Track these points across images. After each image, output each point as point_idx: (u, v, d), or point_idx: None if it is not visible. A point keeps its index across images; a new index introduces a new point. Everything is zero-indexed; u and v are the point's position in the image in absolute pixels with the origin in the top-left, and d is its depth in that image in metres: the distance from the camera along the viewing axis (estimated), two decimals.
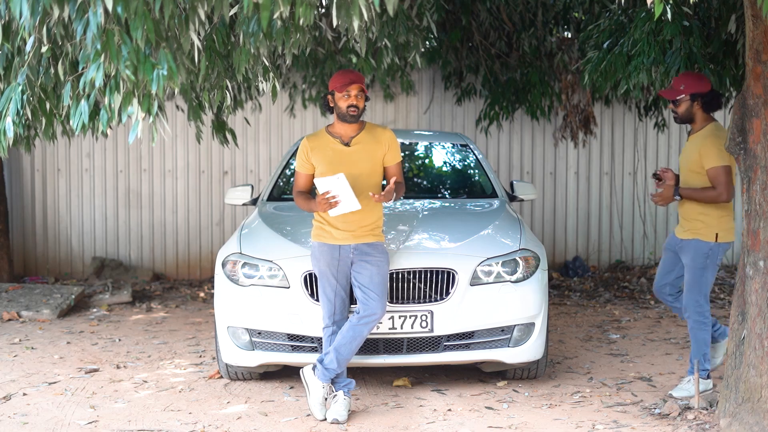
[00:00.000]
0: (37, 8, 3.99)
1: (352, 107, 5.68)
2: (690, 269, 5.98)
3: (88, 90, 4.29)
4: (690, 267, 5.98)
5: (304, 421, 5.68)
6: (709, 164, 5.84)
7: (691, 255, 5.96)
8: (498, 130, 11.15)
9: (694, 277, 5.96)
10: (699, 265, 5.94)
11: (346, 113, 5.69)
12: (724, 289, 10.01)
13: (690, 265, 5.98)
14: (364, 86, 5.69)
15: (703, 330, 6.00)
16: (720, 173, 5.82)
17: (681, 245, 6.05)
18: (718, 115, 11.16)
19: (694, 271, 5.96)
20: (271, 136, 11.23)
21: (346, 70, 5.80)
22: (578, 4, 9.80)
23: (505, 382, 6.42)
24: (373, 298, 5.66)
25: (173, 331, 8.31)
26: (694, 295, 5.97)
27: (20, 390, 6.36)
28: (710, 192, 5.87)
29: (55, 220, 11.11)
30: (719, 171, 5.83)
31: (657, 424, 5.55)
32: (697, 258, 5.94)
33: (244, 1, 3.97)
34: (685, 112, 5.98)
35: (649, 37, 7.00)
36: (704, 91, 5.91)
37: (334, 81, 5.71)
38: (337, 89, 5.68)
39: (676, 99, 5.95)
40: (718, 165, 5.82)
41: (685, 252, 6.00)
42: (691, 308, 5.99)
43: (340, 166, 5.69)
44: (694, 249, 5.95)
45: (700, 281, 5.95)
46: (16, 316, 8.74)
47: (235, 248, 6.35)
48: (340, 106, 5.70)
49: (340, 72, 5.77)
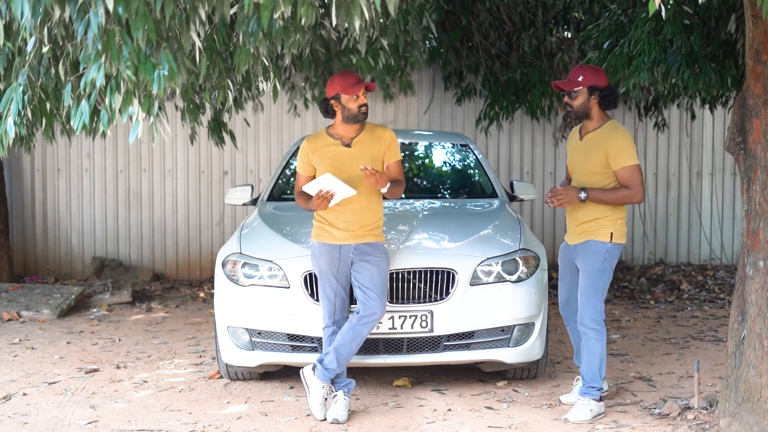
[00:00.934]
0: (38, 9, 3.99)
1: (363, 106, 5.67)
2: (587, 273, 5.63)
3: (88, 90, 4.29)
4: (587, 270, 5.63)
5: (304, 421, 5.68)
6: (621, 164, 5.54)
7: (589, 258, 5.62)
8: (498, 130, 11.15)
9: (592, 280, 5.61)
10: (597, 268, 5.61)
11: (358, 113, 5.67)
12: (724, 289, 10.01)
13: (587, 268, 5.63)
14: (368, 86, 5.69)
15: (600, 341, 5.63)
16: (634, 172, 5.55)
17: (576, 251, 5.72)
18: (718, 115, 11.18)
19: (591, 274, 5.61)
20: (271, 136, 11.23)
21: (346, 72, 5.78)
22: (578, 4, 9.80)
23: (505, 382, 6.43)
24: (373, 298, 5.66)
25: (173, 331, 8.31)
26: (591, 300, 5.61)
27: (20, 390, 6.36)
28: (623, 192, 5.56)
29: (55, 220, 11.11)
30: (632, 170, 5.54)
31: (657, 424, 5.55)
32: (595, 260, 5.61)
33: (245, 1, 3.97)
34: (580, 106, 5.63)
35: (650, 37, 7.00)
36: (603, 85, 5.60)
37: (339, 84, 5.63)
38: (345, 91, 5.61)
39: (573, 91, 5.61)
40: (630, 164, 5.54)
41: (581, 256, 5.67)
42: (587, 315, 5.62)
43: (342, 168, 5.69)
44: (591, 251, 5.62)
45: (598, 285, 5.61)
46: (16, 316, 8.74)
47: (235, 248, 6.35)
48: (351, 108, 5.66)
49: (342, 75, 5.71)
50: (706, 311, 9.06)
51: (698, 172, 11.40)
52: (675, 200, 11.44)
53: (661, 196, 11.44)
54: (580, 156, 5.75)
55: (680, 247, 11.47)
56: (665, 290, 10.08)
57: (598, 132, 5.69)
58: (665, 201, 11.45)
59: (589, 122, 5.72)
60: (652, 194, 11.42)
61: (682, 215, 11.43)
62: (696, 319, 8.73)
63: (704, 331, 8.16)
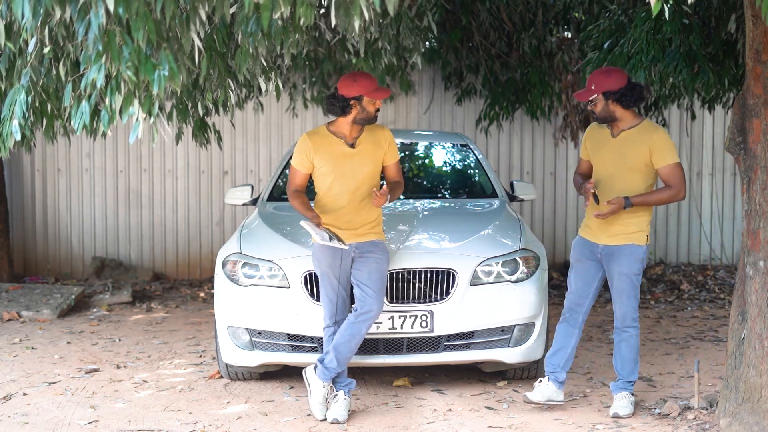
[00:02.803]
0: (38, 9, 3.99)
1: (377, 110, 5.68)
2: (626, 276, 5.63)
3: (89, 90, 4.29)
4: (626, 274, 5.62)
5: (304, 421, 5.68)
6: (665, 162, 5.56)
7: (628, 261, 5.61)
8: (498, 130, 11.14)
9: (632, 282, 5.64)
10: (635, 270, 5.63)
11: (374, 117, 5.68)
12: (724, 289, 10.01)
13: (626, 272, 5.62)
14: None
15: (637, 338, 5.76)
16: (677, 170, 5.56)
17: (609, 252, 5.66)
18: (718, 115, 11.18)
19: (631, 276, 5.63)
20: (271, 136, 11.23)
21: (366, 75, 5.70)
22: (578, 4, 9.79)
23: (505, 382, 6.43)
24: (370, 295, 5.66)
25: (173, 331, 8.31)
26: (632, 301, 5.67)
27: (20, 390, 6.36)
28: (667, 192, 5.58)
29: (55, 220, 11.11)
30: (676, 168, 5.55)
31: (657, 424, 5.55)
32: (634, 263, 5.62)
33: (245, 1, 3.97)
34: (602, 112, 5.62)
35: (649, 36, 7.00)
36: (616, 87, 5.56)
37: (364, 87, 5.55)
38: (370, 95, 5.57)
39: (589, 100, 5.63)
40: (673, 162, 5.56)
41: (619, 259, 5.63)
42: (629, 316, 5.69)
43: (345, 167, 5.68)
44: (631, 254, 5.61)
45: (637, 286, 5.66)
46: (16, 316, 8.74)
47: (235, 248, 6.36)
48: (369, 111, 5.63)
49: (366, 77, 5.64)
50: (706, 311, 9.06)
51: (698, 172, 11.40)
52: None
53: None
54: (616, 154, 5.66)
55: (680, 247, 11.47)
56: (665, 290, 10.08)
57: (636, 130, 5.63)
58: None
59: (619, 123, 5.66)
60: None
61: (682, 215, 11.43)
62: (696, 319, 8.73)
63: (704, 331, 8.16)
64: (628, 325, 5.74)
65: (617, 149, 5.66)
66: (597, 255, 5.73)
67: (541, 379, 5.89)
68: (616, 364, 5.80)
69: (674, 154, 5.58)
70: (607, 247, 5.67)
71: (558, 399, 5.82)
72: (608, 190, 5.65)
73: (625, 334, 5.75)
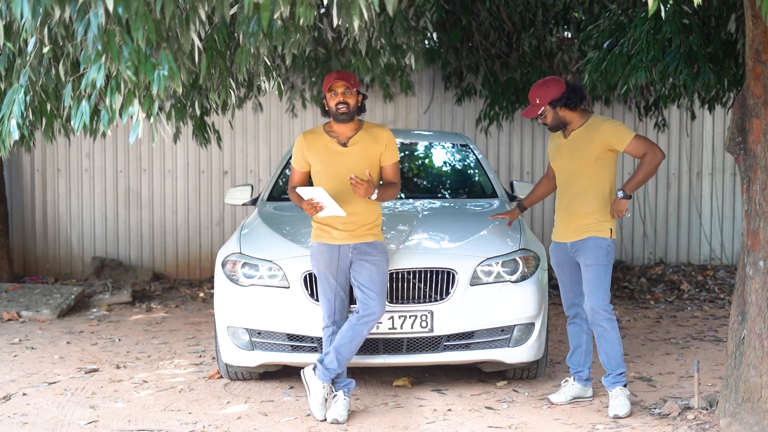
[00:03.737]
0: (38, 9, 3.99)
1: (340, 104, 5.65)
2: (593, 267, 5.72)
3: (89, 90, 4.29)
4: (592, 265, 5.72)
5: (304, 421, 5.68)
6: (625, 141, 5.67)
7: (593, 253, 5.72)
8: (498, 130, 11.15)
9: (599, 273, 5.71)
10: (602, 262, 5.72)
11: (336, 112, 5.68)
12: (724, 289, 10.02)
13: (592, 263, 5.72)
14: (350, 83, 5.65)
15: (616, 329, 5.77)
16: (640, 140, 5.67)
17: (576, 247, 5.79)
18: (718, 115, 11.18)
19: (598, 268, 5.71)
20: (271, 136, 11.24)
21: (333, 72, 5.82)
22: (578, 4, 9.79)
23: (505, 382, 6.43)
24: (373, 298, 5.66)
25: (173, 331, 8.31)
26: (601, 293, 5.71)
27: (20, 390, 6.36)
28: (645, 163, 5.65)
29: (55, 220, 11.11)
30: (637, 139, 5.66)
31: (657, 424, 5.55)
32: (600, 255, 5.72)
33: (245, 1, 3.97)
34: (553, 120, 5.81)
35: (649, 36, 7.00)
36: (558, 94, 5.73)
37: (324, 83, 5.73)
38: (325, 89, 5.69)
39: (539, 115, 5.80)
40: (631, 136, 5.67)
41: (585, 253, 5.75)
42: (600, 306, 5.72)
43: (335, 167, 5.69)
44: (595, 246, 5.73)
45: (605, 277, 5.72)
46: (16, 316, 8.74)
47: (235, 248, 6.36)
48: (330, 105, 5.70)
49: (329, 74, 5.78)
50: (706, 311, 9.06)
51: (698, 172, 11.41)
52: (675, 200, 11.45)
53: (661, 196, 11.45)
54: (569, 154, 5.84)
55: (680, 247, 11.48)
56: (665, 290, 10.08)
57: (584, 128, 5.81)
58: (665, 201, 11.46)
59: (570, 125, 5.85)
60: (652, 194, 11.42)
61: (682, 215, 11.43)
62: (696, 319, 8.74)
63: (704, 331, 8.16)
64: (601, 319, 5.75)
65: (570, 149, 5.84)
66: (569, 254, 5.86)
67: (567, 378, 6.05)
68: (602, 360, 5.86)
69: (628, 130, 5.73)
70: (574, 243, 5.82)
71: (586, 395, 6.01)
72: (569, 189, 5.83)
73: (600, 329, 5.78)
